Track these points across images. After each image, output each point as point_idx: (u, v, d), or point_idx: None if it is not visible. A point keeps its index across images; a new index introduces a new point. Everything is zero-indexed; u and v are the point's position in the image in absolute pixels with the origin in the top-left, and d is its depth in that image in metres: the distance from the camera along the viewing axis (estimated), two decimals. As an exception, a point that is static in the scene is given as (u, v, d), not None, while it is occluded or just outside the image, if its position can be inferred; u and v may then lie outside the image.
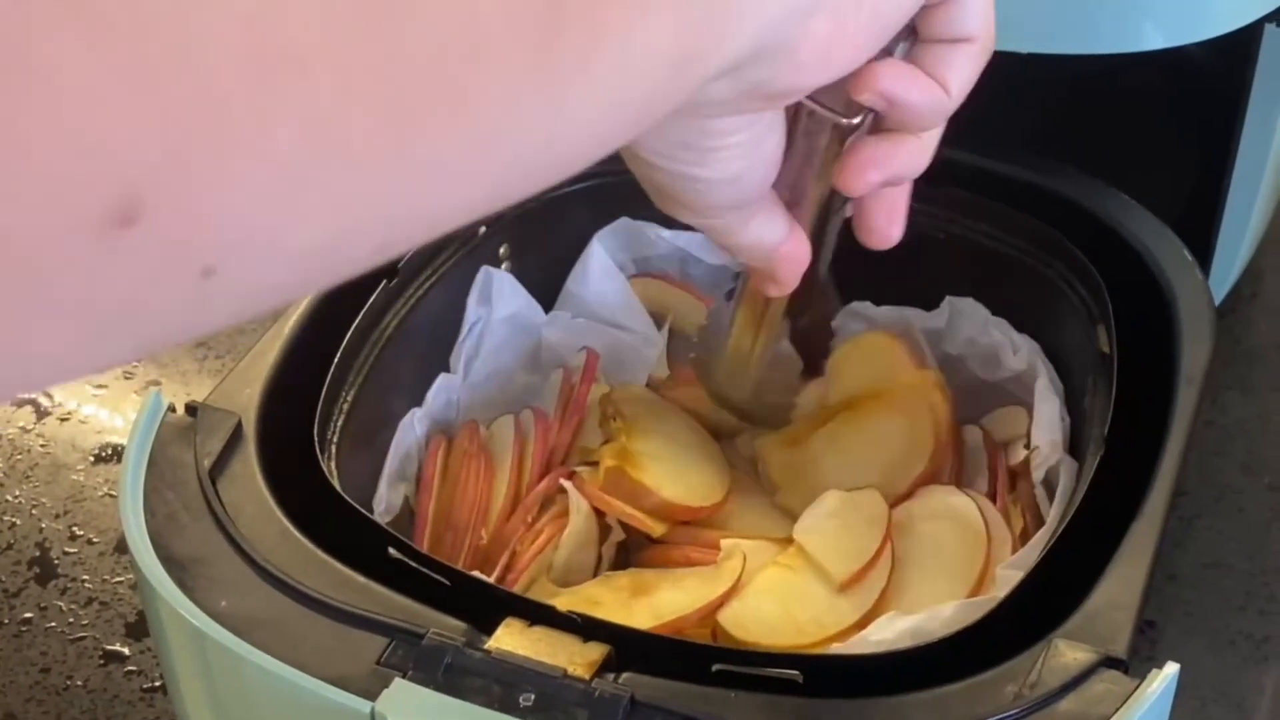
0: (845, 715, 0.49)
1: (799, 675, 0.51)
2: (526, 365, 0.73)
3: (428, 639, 0.51)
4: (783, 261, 0.51)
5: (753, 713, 0.49)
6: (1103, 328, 0.65)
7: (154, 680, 0.73)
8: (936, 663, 0.51)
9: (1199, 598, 0.74)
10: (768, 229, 0.50)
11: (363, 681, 0.50)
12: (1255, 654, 0.71)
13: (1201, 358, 0.62)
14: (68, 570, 0.78)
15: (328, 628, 0.53)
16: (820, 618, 0.63)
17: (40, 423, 0.87)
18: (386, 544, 0.56)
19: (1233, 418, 0.83)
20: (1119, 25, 0.68)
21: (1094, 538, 0.55)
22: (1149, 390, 0.61)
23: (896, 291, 0.74)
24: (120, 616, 0.76)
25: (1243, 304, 0.88)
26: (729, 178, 0.45)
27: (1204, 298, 0.65)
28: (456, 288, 0.70)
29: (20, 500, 0.82)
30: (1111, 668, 0.50)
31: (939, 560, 0.66)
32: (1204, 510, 0.78)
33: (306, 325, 0.64)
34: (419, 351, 0.69)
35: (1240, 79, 0.73)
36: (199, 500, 0.57)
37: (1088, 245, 0.68)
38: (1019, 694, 0.49)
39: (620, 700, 0.49)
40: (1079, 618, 0.52)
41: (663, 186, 0.46)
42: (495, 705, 0.49)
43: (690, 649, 0.54)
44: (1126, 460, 0.58)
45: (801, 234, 0.51)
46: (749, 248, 0.51)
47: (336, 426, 0.62)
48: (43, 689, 0.73)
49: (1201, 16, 0.68)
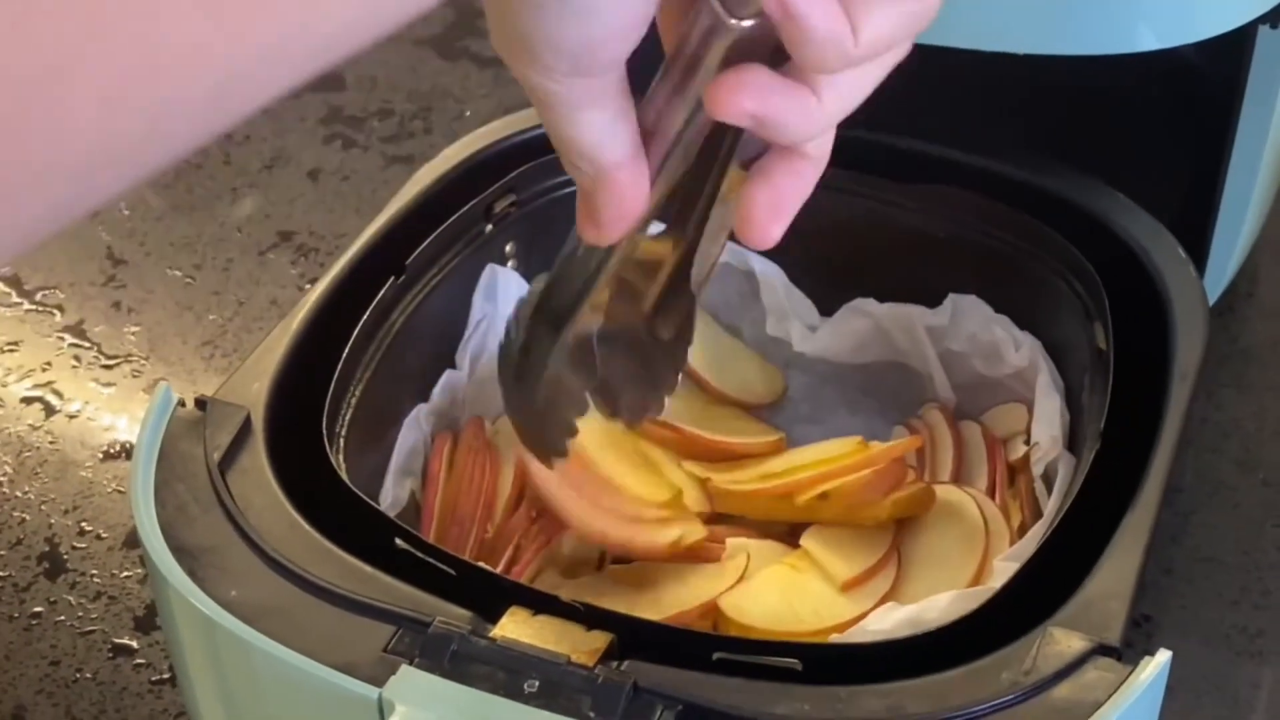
0: (843, 702, 0.50)
1: (798, 663, 0.52)
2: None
3: (434, 627, 0.52)
4: (613, 189, 0.44)
5: (752, 699, 0.50)
6: (1099, 324, 0.66)
7: (162, 673, 0.74)
8: (934, 651, 0.52)
9: (1194, 592, 0.75)
10: (608, 132, 0.43)
11: (370, 668, 0.51)
12: (1249, 647, 0.72)
13: (1195, 353, 0.63)
14: (77, 565, 0.79)
15: (335, 616, 0.54)
16: (820, 610, 0.64)
17: (49, 420, 0.88)
18: (393, 535, 0.57)
19: (1228, 415, 0.83)
20: (1113, 27, 0.69)
21: (1089, 529, 0.56)
22: (1144, 385, 0.62)
23: (899, 288, 0.75)
24: (129, 610, 0.77)
25: (1239, 303, 0.89)
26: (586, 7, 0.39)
27: (1198, 294, 0.66)
28: (463, 285, 0.71)
29: (30, 496, 0.83)
30: (1105, 655, 0.51)
31: (938, 556, 0.67)
32: (1199, 506, 0.79)
33: (313, 322, 0.65)
34: (426, 347, 0.70)
35: (1234, 80, 0.74)
36: (208, 492, 0.58)
37: (1085, 243, 0.69)
38: (1015, 681, 0.50)
39: (622, 687, 0.50)
40: (1074, 606, 0.53)
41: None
42: (500, 691, 0.50)
43: (692, 637, 0.55)
44: (1122, 454, 0.59)
45: (645, 168, 0.44)
46: (581, 147, 0.43)
47: (344, 420, 0.63)
48: (52, 681, 0.74)
49: (1194, 18, 0.69)
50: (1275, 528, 0.78)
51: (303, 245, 0.99)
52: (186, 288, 0.96)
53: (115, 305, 0.95)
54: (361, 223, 0.70)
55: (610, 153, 0.43)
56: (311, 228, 1.00)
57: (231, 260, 0.98)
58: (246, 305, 0.95)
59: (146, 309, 0.95)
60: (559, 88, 0.41)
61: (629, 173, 0.44)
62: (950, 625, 0.54)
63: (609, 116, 0.42)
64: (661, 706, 0.50)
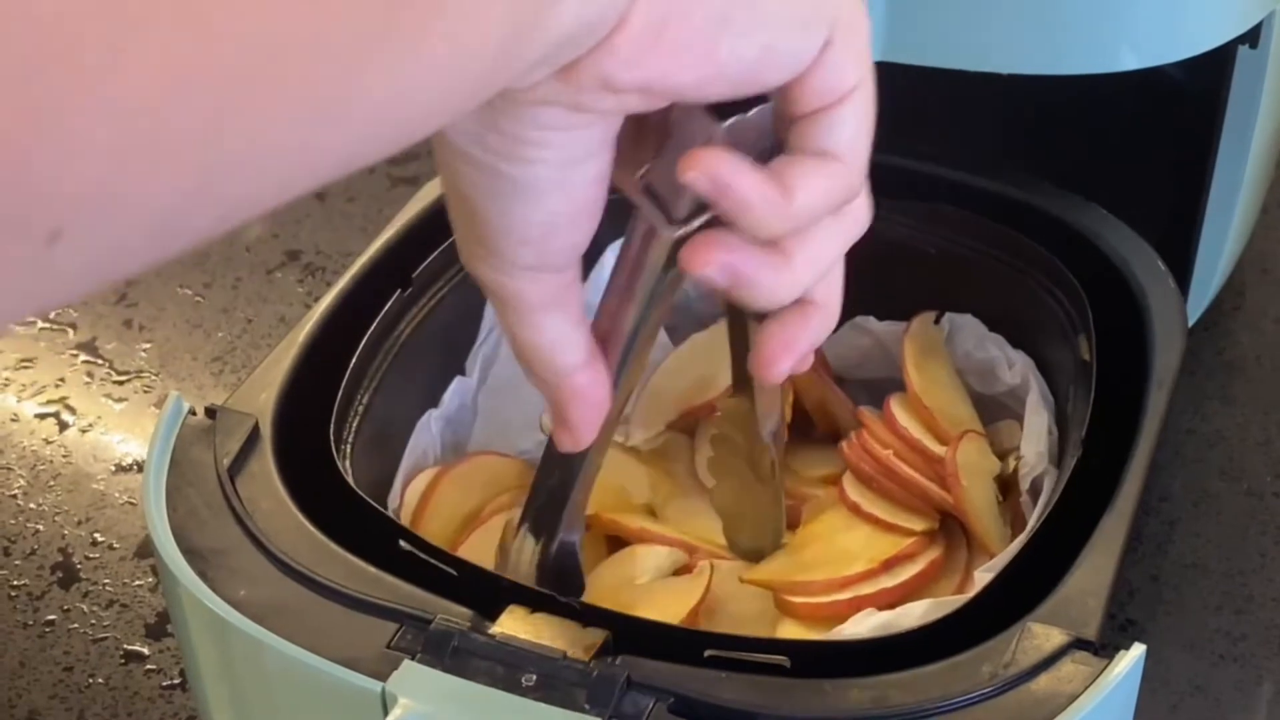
0: (828, 694, 0.52)
1: (786, 660, 0.53)
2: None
3: (435, 624, 0.54)
4: (575, 392, 0.47)
5: (741, 691, 0.52)
6: (1083, 336, 0.67)
7: (173, 678, 0.76)
8: (917, 648, 0.54)
9: (1179, 598, 0.77)
10: (565, 336, 0.46)
11: (374, 663, 0.53)
12: (1232, 651, 0.74)
13: (1173, 362, 0.65)
14: (89, 574, 0.81)
15: (340, 614, 0.55)
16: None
17: (62, 435, 0.90)
18: (397, 536, 0.59)
19: (1213, 427, 0.85)
20: (1095, 47, 0.71)
21: (1069, 531, 0.58)
22: (1124, 394, 0.64)
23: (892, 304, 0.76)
24: (140, 618, 0.79)
25: (1224, 317, 0.91)
26: (535, 191, 0.41)
27: (1176, 304, 0.67)
28: (469, 297, 0.73)
29: (44, 508, 0.85)
30: (1082, 649, 0.53)
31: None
32: (1184, 514, 0.81)
33: (321, 333, 0.66)
34: (433, 358, 0.72)
35: (1215, 98, 0.76)
36: (218, 497, 0.60)
37: (1069, 257, 0.71)
38: (994, 673, 0.52)
39: (616, 680, 0.52)
40: (1052, 603, 0.54)
41: (465, 195, 0.42)
42: (499, 685, 0.52)
43: (683, 635, 0.57)
44: (1102, 459, 0.61)
45: (603, 370, 0.47)
46: (538, 353, 0.46)
47: (352, 428, 0.65)
48: (65, 687, 0.76)
49: (1174, 39, 0.71)
50: (1259, 536, 0.80)
51: (310, 264, 1.01)
52: (196, 306, 0.98)
53: (127, 323, 0.98)
54: (367, 242, 0.72)
55: (567, 356, 0.46)
56: (318, 247, 1.02)
57: (240, 279, 1.00)
58: (255, 323, 0.97)
59: (157, 326, 0.97)
60: (518, 284, 0.44)
61: (588, 375, 0.47)
62: (933, 623, 0.55)
63: (565, 320, 0.45)
64: (654, 699, 0.51)
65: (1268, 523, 0.80)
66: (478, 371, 0.73)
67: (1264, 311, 0.93)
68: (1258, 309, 0.93)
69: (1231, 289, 0.91)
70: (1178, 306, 0.68)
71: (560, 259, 0.44)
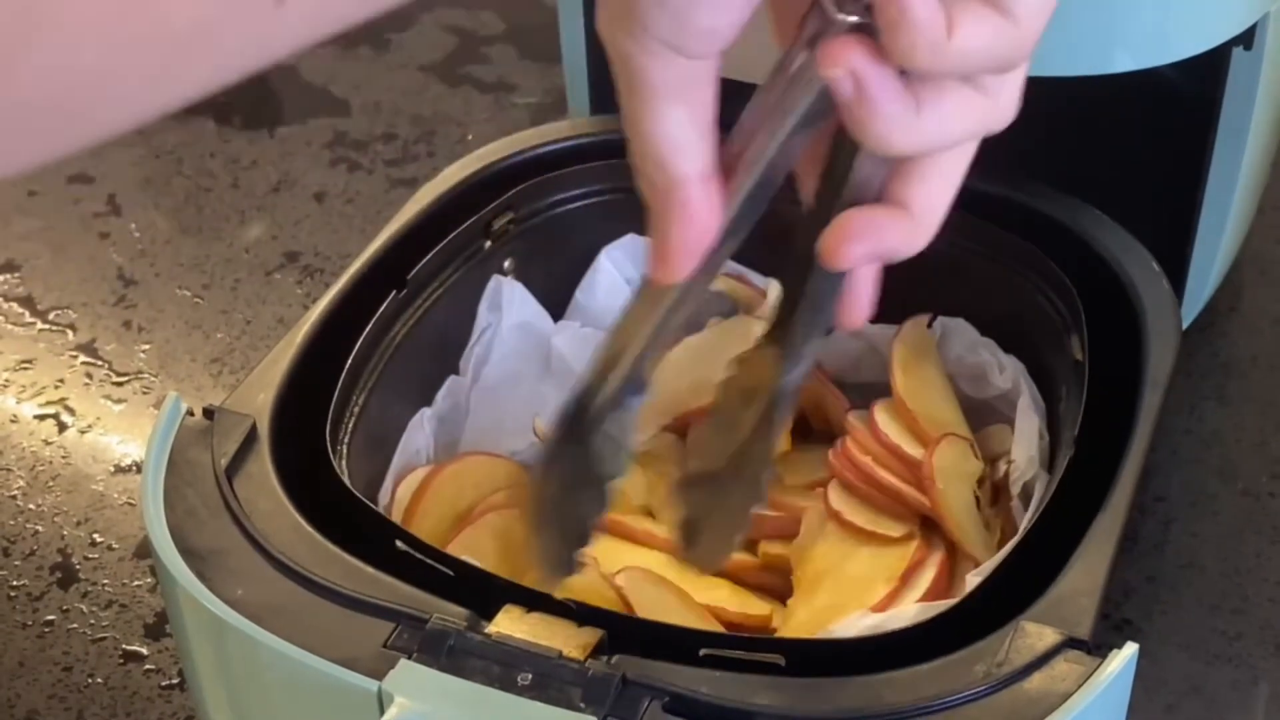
0: (822, 692, 0.52)
1: (781, 659, 0.54)
2: (537, 373, 0.76)
3: (432, 623, 0.54)
4: (684, 207, 0.43)
5: (736, 690, 0.52)
6: (1076, 336, 0.68)
7: (171, 678, 0.76)
8: (911, 647, 0.54)
9: (1175, 598, 0.77)
10: (688, 136, 0.42)
11: (370, 663, 0.53)
12: (1228, 650, 0.74)
13: (1167, 362, 0.65)
14: (89, 575, 0.82)
15: (337, 614, 0.56)
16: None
17: (61, 436, 0.90)
18: (394, 537, 0.59)
19: (1210, 427, 0.86)
20: (1091, 48, 0.71)
21: (1062, 530, 0.58)
22: (1118, 394, 0.64)
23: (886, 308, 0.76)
24: (139, 618, 0.79)
25: (1220, 319, 0.91)
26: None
27: (1170, 305, 0.68)
28: (463, 299, 0.73)
29: (43, 509, 0.86)
30: (1075, 648, 0.53)
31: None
32: (1181, 515, 0.81)
33: (317, 334, 0.67)
34: (428, 359, 0.72)
35: (1211, 100, 0.76)
36: (216, 497, 0.60)
37: (1062, 258, 0.71)
38: (988, 672, 0.52)
39: (612, 679, 0.52)
40: (1045, 602, 0.55)
41: None
42: (495, 684, 0.52)
43: (678, 634, 0.57)
44: (1095, 459, 0.61)
45: (718, 194, 0.43)
46: (655, 148, 0.42)
47: (348, 428, 0.65)
48: (64, 686, 0.76)
49: (1169, 40, 0.71)
50: (1255, 536, 0.80)
51: (308, 266, 1.01)
52: (195, 307, 0.99)
53: (126, 324, 0.98)
54: (365, 244, 0.72)
55: (684, 162, 0.42)
56: (317, 249, 1.03)
57: (239, 280, 1.01)
58: (254, 324, 0.97)
59: (156, 328, 0.97)
60: (649, 59, 0.40)
61: (701, 190, 0.42)
62: (927, 622, 0.56)
63: (689, 119, 0.42)
64: (649, 698, 0.52)
65: (1264, 523, 0.80)
66: (470, 371, 0.74)
67: (1261, 312, 0.93)
68: (1255, 310, 0.93)
69: (1228, 290, 0.91)
70: (1172, 307, 0.68)
71: (698, 41, 0.40)
